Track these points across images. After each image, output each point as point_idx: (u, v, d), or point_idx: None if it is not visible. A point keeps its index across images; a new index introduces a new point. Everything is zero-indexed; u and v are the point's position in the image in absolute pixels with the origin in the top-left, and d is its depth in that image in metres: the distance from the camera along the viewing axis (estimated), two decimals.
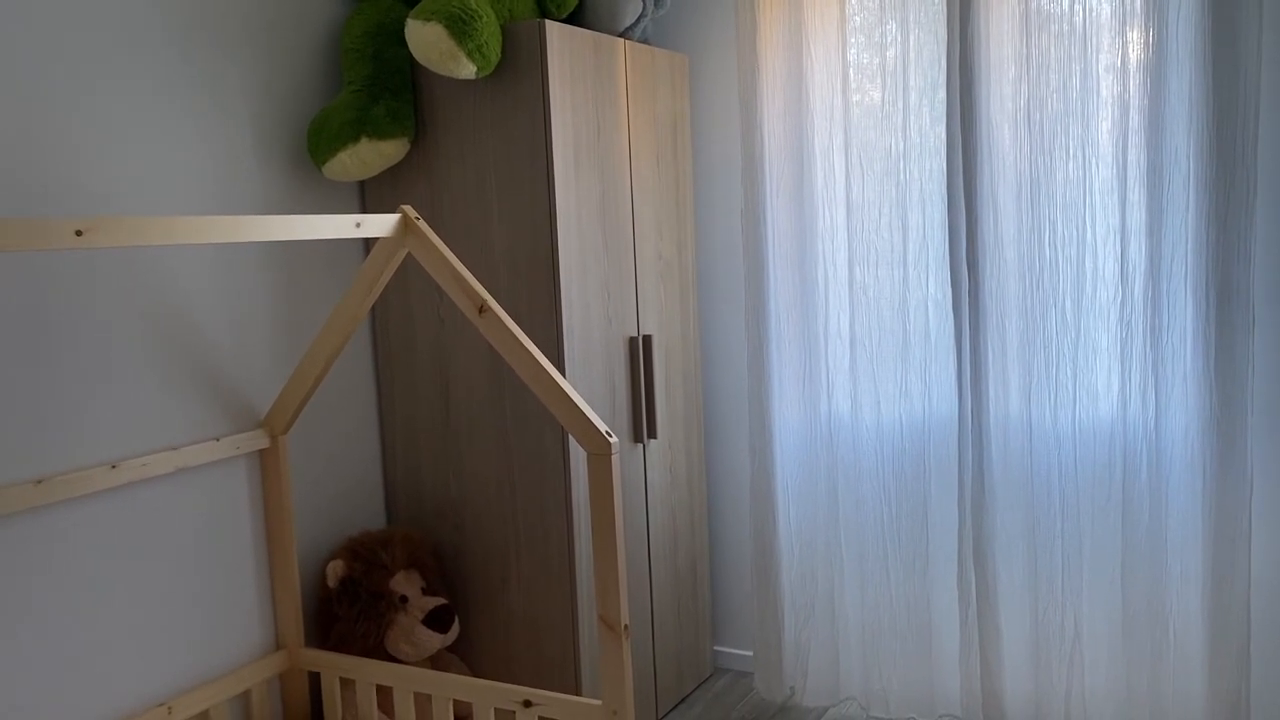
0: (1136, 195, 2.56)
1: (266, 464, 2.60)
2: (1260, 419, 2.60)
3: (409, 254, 2.73)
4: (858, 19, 2.85)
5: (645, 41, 3.03)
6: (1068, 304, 2.65)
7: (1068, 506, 2.72)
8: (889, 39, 2.81)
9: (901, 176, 2.84)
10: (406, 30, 2.52)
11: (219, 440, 2.47)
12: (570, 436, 2.67)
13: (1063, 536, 2.73)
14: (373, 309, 2.91)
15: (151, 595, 2.35)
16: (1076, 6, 2.58)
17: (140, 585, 2.33)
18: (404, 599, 2.67)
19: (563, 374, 2.65)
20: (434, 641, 2.67)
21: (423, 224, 2.28)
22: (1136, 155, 2.55)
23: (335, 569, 2.66)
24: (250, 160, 2.58)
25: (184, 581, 2.43)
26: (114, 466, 2.24)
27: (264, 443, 2.58)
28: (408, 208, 2.28)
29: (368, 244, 2.91)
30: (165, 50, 2.37)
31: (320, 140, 2.64)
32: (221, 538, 2.52)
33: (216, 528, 2.50)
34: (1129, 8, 2.54)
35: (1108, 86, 2.59)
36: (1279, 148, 2.52)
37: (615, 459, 2.06)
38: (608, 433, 2.05)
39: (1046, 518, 2.74)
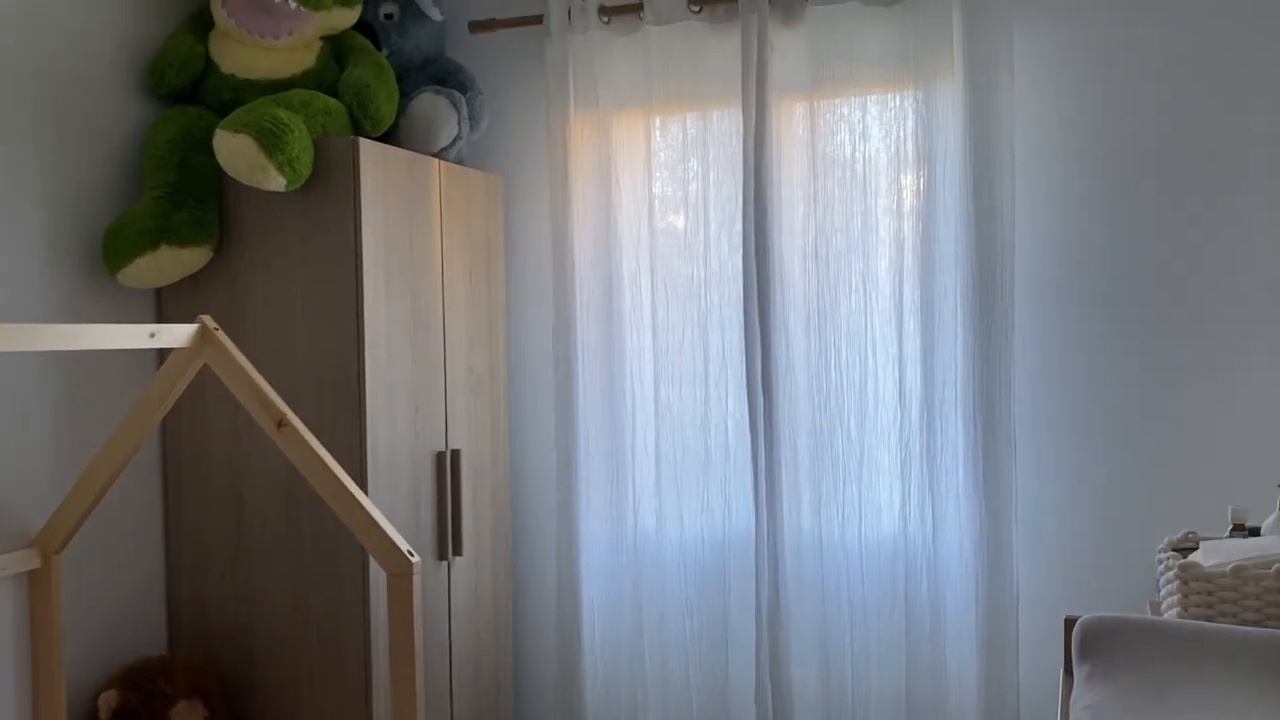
0: (911, 326, 2.79)
1: (36, 586, 2.42)
2: (1024, 534, 2.82)
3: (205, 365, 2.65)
4: (662, 155, 3.03)
5: (460, 162, 3.11)
6: (853, 424, 2.83)
7: (855, 618, 2.85)
8: (691, 174, 2.99)
9: (703, 301, 2.99)
10: (215, 140, 2.51)
11: None
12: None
13: (852, 647, 2.86)
14: (164, 421, 2.79)
15: None
16: (857, 154, 2.84)
17: None
18: None
19: (365, 490, 2.60)
20: None
21: (222, 335, 2.23)
22: (911, 291, 2.79)
23: (108, 700, 2.48)
24: (38, 264, 2.47)
25: None
26: None
27: (35, 563, 2.40)
28: (206, 318, 2.24)
29: (162, 353, 2.80)
30: None
31: (117, 246, 2.56)
32: None
33: None
34: (903, 156, 2.81)
35: (885, 227, 2.83)
36: (1036, 286, 2.80)
37: (416, 579, 2.04)
38: (409, 551, 2.03)
39: (837, 630, 2.86)
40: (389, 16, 2.97)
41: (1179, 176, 2.70)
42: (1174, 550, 2.08)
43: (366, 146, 2.64)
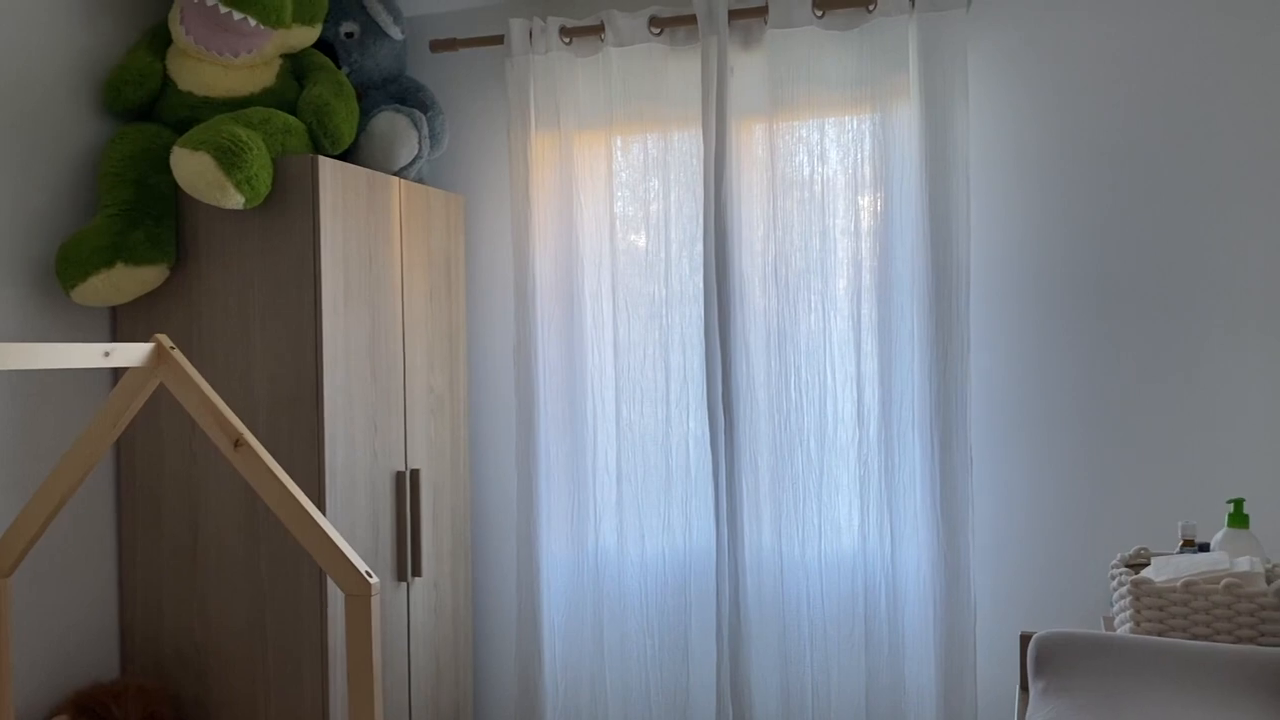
0: (869, 346, 2.82)
1: None
2: (981, 551, 2.85)
3: (161, 384, 2.62)
4: (624, 175, 3.04)
5: (421, 181, 3.10)
6: (812, 443, 2.85)
7: (816, 636, 2.86)
8: (653, 194, 3.01)
9: (664, 320, 3.00)
10: (173, 158, 2.48)
11: None
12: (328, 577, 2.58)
13: (812, 665, 2.87)
14: (118, 441, 2.75)
15: None
16: (815, 175, 2.87)
17: None
18: None
19: (323, 511, 2.58)
20: None
21: (178, 354, 2.20)
22: (869, 311, 2.82)
23: None
24: None
25: None
26: None
27: None
28: (162, 336, 2.21)
29: (116, 373, 2.77)
30: None
31: (71, 264, 2.53)
32: None
33: None
34: (860, 177, 2.85)
35: (844, 248, 2.87)
36: (992, 305, 2.85)
37: (375, 600, 2.02)
38: (368, 573, 2.01)
39: (797, 648, 2.87)
40: (349, 35, 2.96)
41: (1134, 194, 2.76)
42: (1126, 566, 2.11)
43: (326, 165, 2.63)
